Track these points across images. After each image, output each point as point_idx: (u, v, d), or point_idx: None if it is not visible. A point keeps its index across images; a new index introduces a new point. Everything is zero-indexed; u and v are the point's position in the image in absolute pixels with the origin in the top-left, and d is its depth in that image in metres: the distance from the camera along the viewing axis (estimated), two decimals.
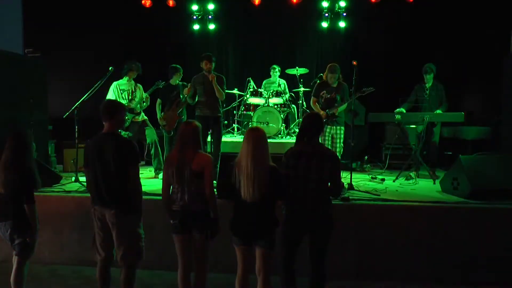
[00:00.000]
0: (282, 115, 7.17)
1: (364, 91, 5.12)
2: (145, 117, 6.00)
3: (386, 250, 4.27)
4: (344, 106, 5.40)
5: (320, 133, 3.31)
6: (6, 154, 3.29)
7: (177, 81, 6.11)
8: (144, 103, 5.93)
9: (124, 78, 5.83)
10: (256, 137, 3.07)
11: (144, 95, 5.92)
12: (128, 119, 5.64)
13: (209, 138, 5.74)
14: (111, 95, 5.76)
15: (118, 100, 5.69)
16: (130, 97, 5.81)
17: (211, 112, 5.51)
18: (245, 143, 3.09)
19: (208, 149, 5.64)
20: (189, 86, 5.62)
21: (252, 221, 3.11)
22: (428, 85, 6.11)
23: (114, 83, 5.82)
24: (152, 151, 5.91)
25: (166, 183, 3.30)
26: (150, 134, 5.88)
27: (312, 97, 5.61)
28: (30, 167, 3.32)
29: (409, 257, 4.25)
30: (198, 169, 3.18)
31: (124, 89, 5.81)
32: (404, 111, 5.93)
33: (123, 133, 5.37)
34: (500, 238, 4.18)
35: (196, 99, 5.62)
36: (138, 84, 5.97)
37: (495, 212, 4.24)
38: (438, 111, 5.91)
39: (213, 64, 5.53)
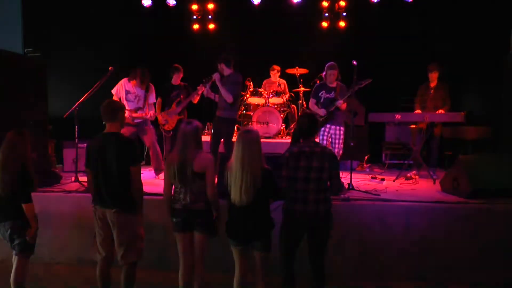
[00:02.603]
0: (282, 115, 7.18)
1: (361, 83, 5.12)
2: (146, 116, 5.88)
3: (386, 250, 4.27)
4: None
5: (316, 133, 3.30)
6: (2, 154, 3.29)
7: (178, 81, 6.11)
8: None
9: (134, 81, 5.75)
10: (247, 139, 3.06)
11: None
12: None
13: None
14: (115, 89, 5.73)
15: (122, 99, 5.69)
16: (136, 100, 5.70)
17: (220, 112, 5.49)
18: (236, 146, 3.08)
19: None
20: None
21: (245, 223, 3.11)
22: (433, 85, 6.09)
23: (123, 80, 5.75)
24: (151, 151, 5.87)
25: (167, 183, 3.30)
26: (149, 134, 5.83)
27: (311, 98, 5.60)
28: (27, 167, 3.32)
29: (409, 257, 4.25)
30: (200, 169, 3.18)
31: (129, 91, 5.73)
32: None
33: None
34: (500, 238, 4.18)
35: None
36: (151, 86, 5.82)
37: (495, 212, 4.24)
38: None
39: (219, 66, 5.40)
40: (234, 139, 5.74)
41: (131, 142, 3.37)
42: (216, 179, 4.44)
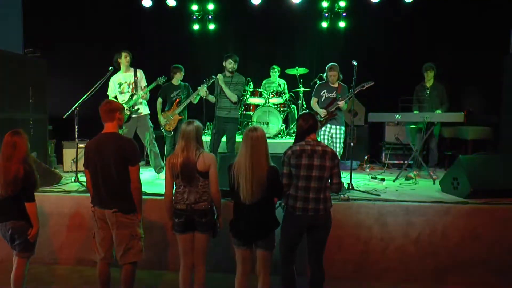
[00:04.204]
0: (282, 115, 7.18)
1: (364, 85, 5.13)
2: (148, 112, 5.78)
3: (385, 250, 4.27)
4: (344, 106, 5.41)
5: (316, 131, 3.31)
6: (3, 155, 3.28)
7: (179, 81, 6.12)
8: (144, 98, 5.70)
9: (120, 71, 5.68)
10: (254, 138, 3.06)
11: (145, 91, 5.64)
12: (126, 114, 5.58)
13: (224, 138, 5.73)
14: (109, 91, 5.69)
15: (117, 95, 5.68)
16: (131, 89, 5.63)
17: (222, 113, 5.49)
18: (243, 144, 3.09)
19: (208, 149, 5.62)
20: (205, 87, 5.59)
21: (251, 222, 3.11)
22: (428, 84, 6.11)
23: (112, 78, 5.70)
24: (148, 149, 5.85)
25: (169, 183, 3.29)
26: (147, 132, 5.76)
27: (312, 97, 5.63)
28: (29, 166, 3.31)
29: (409, 257, 4.24)
30: (204, 169, 3.18)
31: (121, 82, 5.66)
32: None
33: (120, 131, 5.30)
34: (500, 238, 4.18)
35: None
36: (139, 71, 5.72)
37: (495, 212, 4.24)
38: (438, 111, 5.91)
39: (229, 64, 5.41)
40: (237, 138, 5.84)
41: (130, 141, 3.36)
42: None
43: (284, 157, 3.20)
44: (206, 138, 5.93)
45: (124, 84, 5.68)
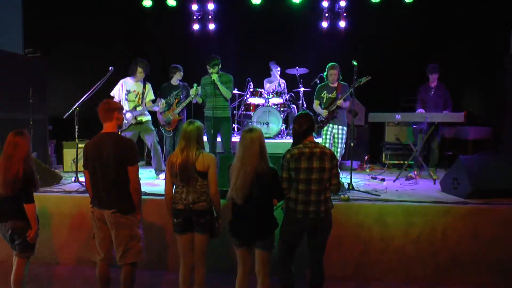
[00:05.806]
0: (282, 115, 7.18)
1: (361, 80, 5.13)
2: (148, 118, 5.81)
3: (385, 250, 4.27)
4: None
5: (313, 133, 3.29)
6: (4, 155, 3.28)
7: (178, 81, 6.11)
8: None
9: (131, 77, 5.67)
10: (248, 139, 3.06)
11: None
12: (126, 122, 5.59)
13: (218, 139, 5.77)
14: (116, 91, 5.67)
15: (122, 99, 5.68)
16: (137, 99, 5.66)
17: (216, 112, 5.52)
18: (239, 146, 3.10)
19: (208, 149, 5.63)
20: (195, 87, 5.62)
21: (250, 222, 3.11)
22: (433, 85, 6.10)
23: (122, 80, 5.68)
24: (152, 152, 5.86)
25: (169, 183, 3.30)
26: (150, 136, 5.79)
27: (314, 100, 5.65)
28: (29, 167, 3.31)
29: (409, 257, 4.24)
30: (203, 169, 3.18)
31: (130, 90, 5.66)
32: None
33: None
34: (500, 238, 4.17)
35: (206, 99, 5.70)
36: (148, 84, 5.75)
37: (495, 212, 4.24)
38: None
39: (213, 70, 5.48)
40: (232, 138, 5.86)
41: (128, 141, 3.35)
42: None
43: (283, 161, 3.18)
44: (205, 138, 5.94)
45: (133, 93, 5.67)
